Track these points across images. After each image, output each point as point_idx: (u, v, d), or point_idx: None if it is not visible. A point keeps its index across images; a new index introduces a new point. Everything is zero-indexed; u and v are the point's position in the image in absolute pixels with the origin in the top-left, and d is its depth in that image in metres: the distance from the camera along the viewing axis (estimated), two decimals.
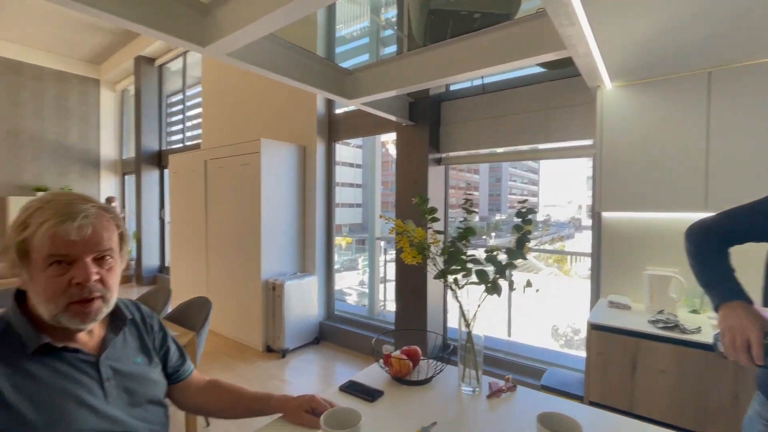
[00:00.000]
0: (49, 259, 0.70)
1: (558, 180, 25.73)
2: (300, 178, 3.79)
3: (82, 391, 0.73)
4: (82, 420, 0.71)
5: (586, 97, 2.30)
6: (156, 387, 0.88)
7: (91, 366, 0.77)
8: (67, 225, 0.70)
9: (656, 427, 0.91)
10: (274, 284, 3.41)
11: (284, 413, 0.95)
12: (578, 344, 6.09)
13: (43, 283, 0.70)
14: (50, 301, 0.71)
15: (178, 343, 1.02)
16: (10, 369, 0.68)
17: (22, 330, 0.72)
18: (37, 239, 0.70)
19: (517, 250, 0.97)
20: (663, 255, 2.04)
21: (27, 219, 0.72)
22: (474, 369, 1.11)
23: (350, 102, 2.31)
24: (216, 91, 4.83)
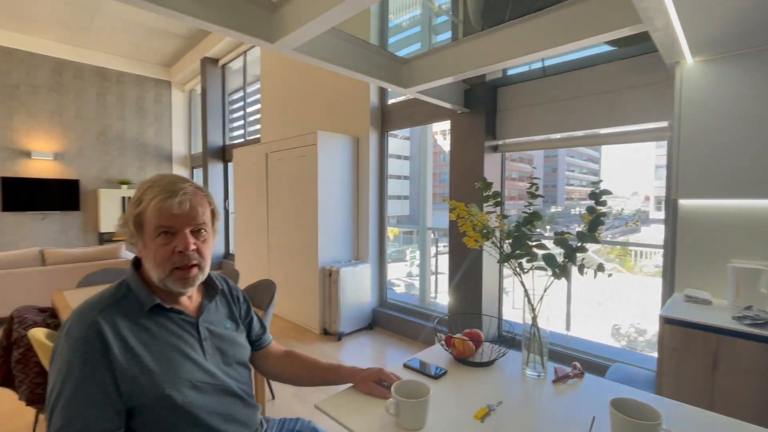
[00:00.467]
0: (157, 230, 0.82)
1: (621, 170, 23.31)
2: (354, 168, 3.89)
3: (186, 347, 0.85)
4: (187, 370, 0.82)
5: (660, 75, 2.12)
6: (243, 350, 0.99)
7: (192, 326, 0.89)
8: (170, 200, 0.82)
9: (745, 423, 0.86)
10: (330, 271, 3.55)
11: (354, 383, 1.02)
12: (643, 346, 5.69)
13: (153, 251, 0.83)
14: (159, 267, 0.83)
15: (258, 315, 1.13)
16: (132, 323, 0.80)
17: (140, 292, 0.84)
18: (149, 212, 0.82)
19: (588, 234, 0.95)
20: (751, 246, 1.85)
21: (141, 196, 0.84)
22: (538, 354, 1.10)
23: (406, 91, 2.33)
24: (274, 86, 5.07)
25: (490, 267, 2.95)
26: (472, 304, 2.92)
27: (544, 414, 0.92)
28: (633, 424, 0.76)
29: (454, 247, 3.06)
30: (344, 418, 0.89)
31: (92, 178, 6.80)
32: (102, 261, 4.03)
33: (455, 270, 3.05)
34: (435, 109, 3.17)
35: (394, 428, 0.85)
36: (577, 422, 0.88)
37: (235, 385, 0.91)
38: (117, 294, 0.83)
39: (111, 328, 0.77)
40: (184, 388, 0.80)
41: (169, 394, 0.77)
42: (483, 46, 2.07)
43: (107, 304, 0.80)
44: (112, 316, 0.78)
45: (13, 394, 2.23)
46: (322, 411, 0.92)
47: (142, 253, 0.86)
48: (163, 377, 0.78)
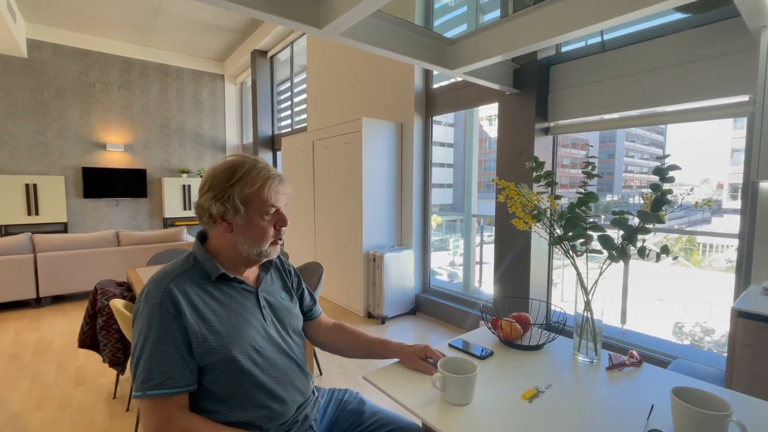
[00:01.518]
0: (270, 208, 0.91)
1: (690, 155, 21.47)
2: (398, 154, 3.89)
3: (248, 314, 0.92)
4: (251, 335, 0.89)
5: (737, 44, 1.89)
6: (297, 319, 1.05)
7: (253, 295, 0.96)
8: (284, 185, 0.93)
9: None
10: (375, 255, 3.62)
11: (400, 358, 1.05)
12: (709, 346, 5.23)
13: (260, 227, 0.91)
14: (263, 240, 0.92)
15: (309, 288, 1.19)
16: (200, 290, 0.88)
17: (207, 263, 0.92)
18: (267, 193, 0.89)
19: (651, 213, 0.88)
20: None
21: (243, 177, 0.88)
22: (591, 340, 1.06)
23: (452, 72, 2.28)
24: (319, 75, 5.17)
25: (538, 253, 2.84)
26: (520, 291, 2.85)
27: (597, 400, 0.89)
28: (699, 414, 0.71)
29: (500, 233, 2.98)
30: (392, 390, 0.92)
31: (157, 168, 7.38)
32: (167, 243, 4.41)
33: (502, 257, 2.98)
34: (482, 91, 3.07)
35: (440, 402, 0.87)
36: (633, 410, 0.84)
37: (291, 352, 0.97)
38: (186, 264, 0.91)
39: (182, 294, 0.84)
40: (249, 350, 0.87)
41: (235, 355, 0.84)
42: (535, 20, 1.96)
43: (178, 273, 0.88)
44: (183, 284, 0.86)
45: (99, 356, 2.53)
46: (370, 382, 0.96)
47: (238, 228, 0.90)
48: (229, 340, 0.85)
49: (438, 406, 0.86)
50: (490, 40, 2.12)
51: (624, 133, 7.26)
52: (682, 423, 0.74)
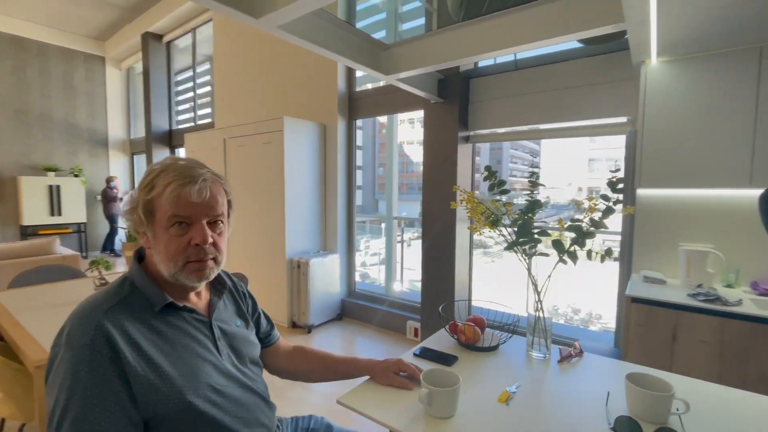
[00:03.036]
0: (172, 219, 0.74)
1: (558, 162, 26.01)
2: (321, 156, 3.78)
3: (201, 348, 0.78)
4: (207, 374, 0.75)
5: (622, 73, 2.28)
6: (255, 348, 0.92)
7: (205, 325, 0.82)
8: (189, 187, 0.74)
9: (740, 391, 0.96)
10: (299, 262, 3.45)
11: (372, 375, 1.00)
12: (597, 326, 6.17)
13: (166, 242, 0.74)
14: (171, 260, 0.74)
15: (263, 311, 1.06)
16: (142, 325, 0.71)
17: (148, 289, 0.75)
18: (163, 199, 0.73)
19: (600, 221, 1.00)
20: (698, 231, 2.07)
21: (153, 180, 0.75)
22: (543, 337, 1.15)
23: (387, 78, 2.29)
24: (229, 68, 4.75)
25: (462, 254, 3.03)
26: (445, 290, 2.99)
27: (560, 392, 0.96)
28: (651, 396, 0.82)
29: (426, 235, 3.10)
30: (372, 411, 0.87)
31: (10, 164, 5.97)
32: (35, 257, 3.57)
33: (429, 256, 3.10)
34: (408, 97, 3.16)
35: (425, 417, 0.84)
36: (593, 397, 0.93)
37: (254, 385, 0.85)
38: (120, 293, 0.73)
39: (119, 331, 0.67)
40: (207, 393, 0.73)
41: (191, 401, 0.70)
42: (464, 37, 2.08)
43: (112, 305, 0.70)
44: (119, 318, 0.69)
45: None
46: (346, 406, 0.89)
47: (149, 244, 0.77)
48: (183, 383, 0.70)
49: (424, 421, 0.83)
50: (422, 50, 2.19)
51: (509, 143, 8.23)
52: (636, 404, 0.84)
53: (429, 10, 2.82)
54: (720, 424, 0.82)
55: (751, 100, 1.71)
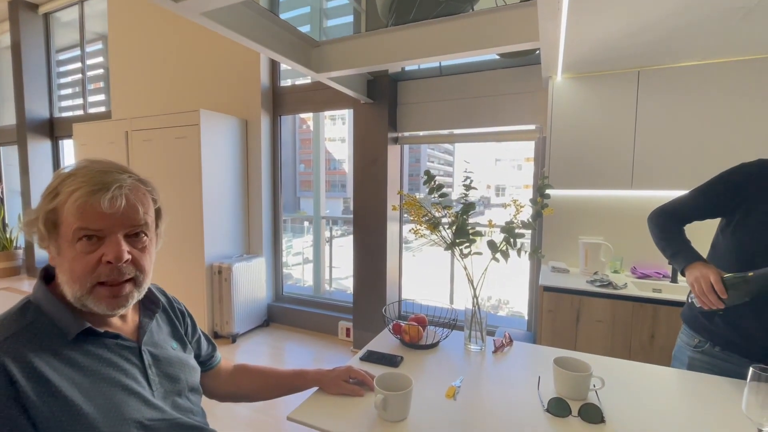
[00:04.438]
0: (78, 232, 0.62)
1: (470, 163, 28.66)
2: (243, 153, 3.54)
3: (128, 380, 0.68)
4: (134, 409, 0.66)
5: (534, 85, 2.53)
6: (194, 373, 0.83)
7: (133, 352, 0.72)
8: (98, 195, 0.62)
9: (642, 364, 1.14)
10: (221, 267, 3.20)
11: (321, 386, 0.97)
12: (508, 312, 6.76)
13: (71, 259, 0.63)
14: (76, 281, 0.63)
15: (203, 331, 0.97)
16: (52, 357, 0.60)
17: (58, 314, 0.64)
18: (67, 209, 0.62)
19: (530, 222, 1.10)
20: (593, 225, 2.41)
21: (58, 187, 0.63)
22: (478, 330, 1.24)
23: (317, 75, 2.23)
24: (128, 51, 4.19)
25: (392, 252, 3.10)
26: (378, 288, 3.04)
27: (499, 381, 1.04)
28: (573, 376, 0.93)
29: (357, 234, 3.10)
30: (326, 423, 0.85)
31: None
32: None
33: (360, 257, 3.11)
34: (336, 95, 3.12)
35: (380, 422, 0.85)
36: (526, 382, 1.03)
37: (192, 418, 0.76)
38: (21, 320, 0.61)
39: (19, 365, 0.56)
40: (132, 429, 0.64)
41: None
42: (393, 41, 2.12)
43: (9, 335, 0.58)
44: (20, 350, 0.57)
45: None
46: (298, 422, 0.86)
47: (55, 261, 0.65)
48: (103, 422, 0.61)
49: (379, 427, 0.84)
50: (353, 51, 2.18)
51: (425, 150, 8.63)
52: (562, 385, 0.95)
53: (357, 10, 2.82)
54: (627, 394, 0.97)
55: (631, 115, 2.03)
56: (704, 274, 0.99)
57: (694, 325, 1.16)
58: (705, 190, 1.14)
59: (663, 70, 1.95)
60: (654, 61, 1.94)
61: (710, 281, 0.96)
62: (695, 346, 1.15)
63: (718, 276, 0.97)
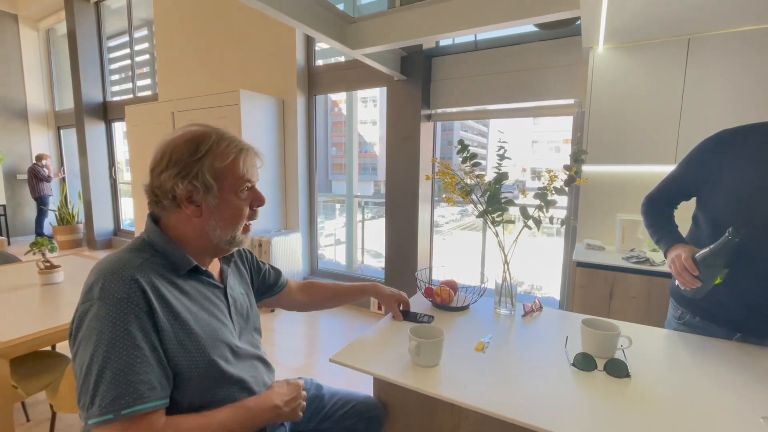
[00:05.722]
0: (245, 184, 0.79)
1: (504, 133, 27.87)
2: (280, 133, 3.68)
3: (219, 312, 0.81)
4: (224, 336, 0.79)
5: (573, 58, 2.45)
6: (257, 317, 0.96)
7: (221, 291, 0.85)
8: (256, 156, 0.82)
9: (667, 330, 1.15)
10: (261, 241, 3.39)
11: (379, 299, 1.21)
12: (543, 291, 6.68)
13: (235, 207, 0.78)
14: (236, 224, 0.79)
15: (267, 263, 1.12)
16: (170, 285, 0.73)
17: (174, 253, 0.75)
18: (240, 166, 0.77)
19: (562, 188, 1.12)
20: (631, 203, 2.35)
21: (224, 149, 0.75)
22: (508, 296, 1.28)
23: (353, 53, 2.27)
24: (172, 35, 4.39)
25: (424, 231, 3.16)
26: (410, 262, 3.12)
27: (527, 340, 1.09)
28: (600, 335, 0.97)
29: (390, 211, 3.18)
30: (365, 365, 0.94)
31: None
32: None
33: (392, 234, 3.19)
34: (370, 74, 3.15)
35: (413, 367, 0.93)
36: (554, 342, 1.07)
37: (258, 350, 0.91)
38: (142, 255, 0.72)
39: (151, 287, 0.68)
40: (226, 353, 0.77)
41: (215, 359, 0.73)
42: (428, 15, 2.11)
43: (138, 263, 0.70)
44: (149, 275, 0.69)
45: None
46: (339, 363, 0.95)
47: (205, 211, 0.75)
48: (207, 342, 0.74)
49: (413, 371, 0.92)
50: (388, 26, 2.19)
51: (459, 123, 8.47)
52: (590, 343, 0.99)
53: None
54: (652, 354, 0.99)
55: (678, 86, 1.94)
56: (678, 254, 1.01)
57: (677, 298, 1.21)
58: (679, 169, 1.15)
59: (715, 37, 1.84)
60: (706, 28, 1.83)
61: (682, 263, 0.98)
62: (678, 318, 1.19)
63: (689, 254, 0.99)
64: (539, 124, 15.26)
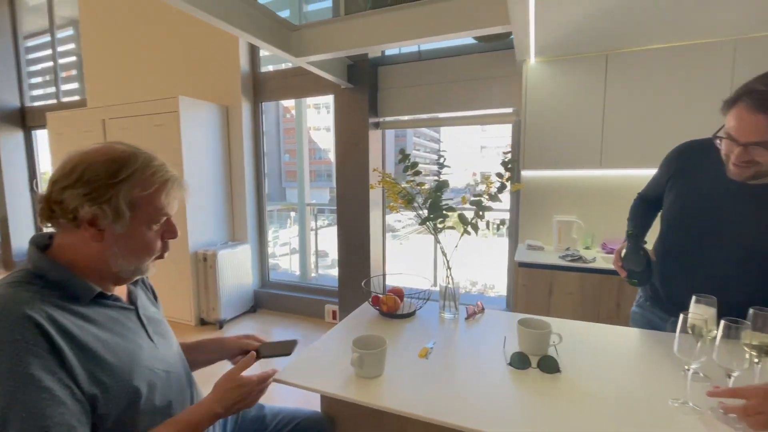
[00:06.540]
0: (162, 216, 0.74)
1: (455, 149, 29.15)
2: (224, 141, 3.53)
3: (135, 335, 0.75)
4: (146, 358, 0.73)
5: (510, 69, 2.60)
6: (172, 334, 0.90)
7: (133, 313, 0.79)
8: (183, 188, 0.78)
9: (597, 324, 1.24)
10: (205, 255, 3.22)
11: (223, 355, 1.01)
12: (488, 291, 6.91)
13: (149, 239, 0.73)
14: (144, 255, 0.74)
15: None
16: (72, 316, 0.65)
17: (69, 281, 0.68)
18: (163, 198, 0.72)
19: (495, 195, 1.18)
20: (565, 205, 2.52)
21: (148, 176, 0.71)
22: (452, 300, 1.32)
23: (297, 60, 2.24)
24: (102, 37, 4.07)
25: (376, 237, 3.17)
26: (363, 269, 3.11)
27: (468, 343, 1.13)
28: (533, 333, 1.02)
29: (341, 219, 3.16)
30: (307, 381, 0.92)
31: None
32: None
33: (344, 241, 3.17)
34: (317, 81, 3.12)
35: (357, 379, 0.92)
36: (493, 342, 1.11)
37: (185, 370, 0.86)
38: (30, 287, 0.64)
39: (49, 322, 0.61)
40: (150, 377, 0.72)
41: (137, 386, 0.68)
42: (372, 25, 2.15)
43: (28, 298, 0.62)
44: (44, 309, 0.62)
45: None
46: (282, 382, 0.92)
47: (108, 237, 0.68)
48: (125, 369, 0.68)
49: (356, 383, 0.91)
50: (334, 34, 2.20)
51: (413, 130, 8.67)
52: (525, 342, 1.04)
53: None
54: (583, 348, 1.06)
55: (600, 97, 2.12)
56: (618, 249, 1.16)
57: None
58: (656, 172, 1.25)
59: (629, 54, 2.04)
60: (620, 45, 2.02)
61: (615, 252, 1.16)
62: (636, 301, 1.29)
63: (619, 251, 1.15)
64: (487, 131, 15.93)
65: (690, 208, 1.07)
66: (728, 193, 0.98)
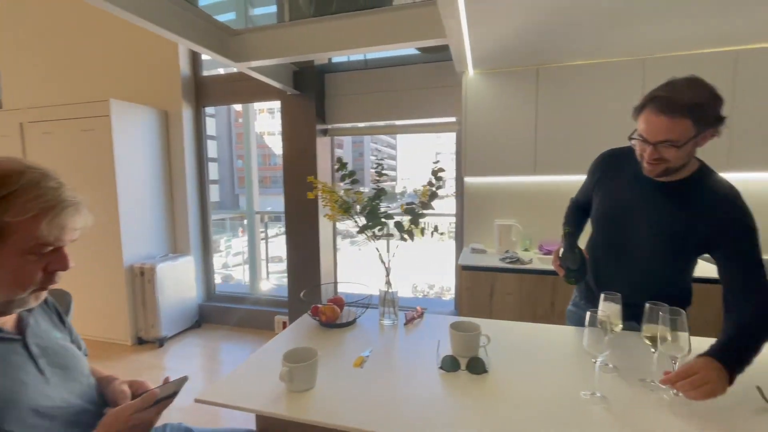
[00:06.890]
0: (45, 247, 0.65)
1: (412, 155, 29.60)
2: (163, 148, 3.34)
3: (18, 371, 0.67)
4: (29, 397, 0.66)
5: (451, 80, 2.70)
6: (82, 361, 0.82)
7: (19, 345, 0.70)
8: (81, 215, 0.69)
9: (530, 324, 1.31)
10: (142, 269, 3.01)
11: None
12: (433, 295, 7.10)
13: (17, 270, 0.64)
14: (19, 288, 0.66)
15: None
16: None
17: None
18: (40, 228, 0.63)
19: (428, 203, 1.21)
20: (505, 209, 2.65)
21: (27, 201, 0.62)
22: (391, 306, 1.33)
23: (236, 65, 2.18)
24: (18, 33, 3.71)
25: (326, 245, 3.14)
26: (313, 278, 3.06)
27: (404, 349, 1.14)
28: (463, 336, 1.06)
29: (290, 228, 3.09)
30: (235, 400, 0.88)
31: None
32: None
33: (293, 250, 3.11)
34: (263, 87, 3.05)
35: (287, 394, 0.90)
36: (428, 348, 1.14)
37: (86, 405, 0.76)
38: None
39: None
40: (30, 419, 0.64)
41: (10, 430, 0.60)
42: (315, 32, 2.14)
43: None
44: None
45: None
46: (205, 402, 0.88)
47: None
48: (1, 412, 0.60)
49: (286, 398, 0.89)
50: (275, 40, 2.16)
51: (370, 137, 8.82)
52: (456, 345, 1.08)
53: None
54: (512, 348, 1.12)
55: (532, 108, 2.26)
56: (556, 249, 1.23)
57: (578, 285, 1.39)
58: (586, 178, 1.35)
59: (557, 68, 2.20)
60: (549, 60, 2.17)
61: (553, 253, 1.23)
62: (572, 300, 1.37)
63: (557, 251, 1.22)
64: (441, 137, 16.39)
65: (611, 209, 1.17)
66: (644, 194, 1.08)
